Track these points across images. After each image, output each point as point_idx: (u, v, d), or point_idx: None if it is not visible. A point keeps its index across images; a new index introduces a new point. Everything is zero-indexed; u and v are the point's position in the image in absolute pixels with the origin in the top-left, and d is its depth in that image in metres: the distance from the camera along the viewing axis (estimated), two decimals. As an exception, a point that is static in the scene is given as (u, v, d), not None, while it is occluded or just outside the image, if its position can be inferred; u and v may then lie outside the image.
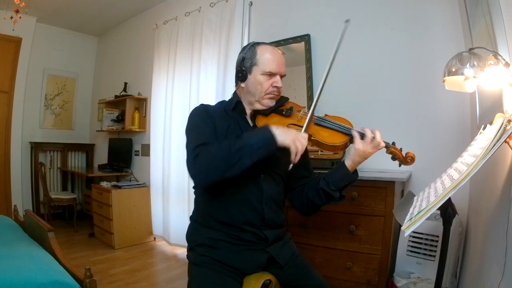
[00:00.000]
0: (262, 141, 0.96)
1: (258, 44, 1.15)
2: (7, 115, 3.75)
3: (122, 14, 3.89)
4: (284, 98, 1.19)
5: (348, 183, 1.10)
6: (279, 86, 1.12)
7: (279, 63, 1.12)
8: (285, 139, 0.97)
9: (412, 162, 1.06)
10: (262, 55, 1.11)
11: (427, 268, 1.61)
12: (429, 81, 1.84)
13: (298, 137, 0.98)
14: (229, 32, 2.72)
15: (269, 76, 1.11)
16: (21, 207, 3.59)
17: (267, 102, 1.13)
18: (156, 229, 3.33)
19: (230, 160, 0.94)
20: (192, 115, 1.14)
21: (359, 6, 2.15)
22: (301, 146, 0.97)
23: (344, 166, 1.09)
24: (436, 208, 0.73)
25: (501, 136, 0.71)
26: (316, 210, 1.17)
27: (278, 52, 1.15)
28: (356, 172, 1.11)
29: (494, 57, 0.88)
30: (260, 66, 1.10)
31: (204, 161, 0.97)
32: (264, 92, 1.11)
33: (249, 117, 1.18)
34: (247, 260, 1.10)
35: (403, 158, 1.07)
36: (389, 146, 1.07)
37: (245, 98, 1.17)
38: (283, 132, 0.98)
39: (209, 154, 0.97)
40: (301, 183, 1.20)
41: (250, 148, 0.95)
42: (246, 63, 1.12)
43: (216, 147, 0.98)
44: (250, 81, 1.12)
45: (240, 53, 1.18)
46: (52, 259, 1.37)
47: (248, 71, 1.12)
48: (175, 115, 3.13)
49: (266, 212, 1.11)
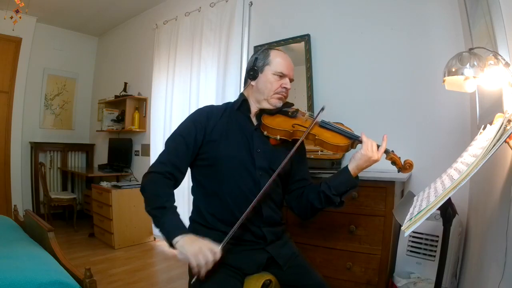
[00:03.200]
0: (165, 232, 1.01)
1: (271, 48, 1.22)
2: (7, 115, 3.75)
3: (122, 14, 3.89)
4: (290, 103, 1.24)
5: (349, 188, 1.12)
6: (288, 87, 1.18)
7: (289, 67, 1.19)
8: (187, 250, 0.92)
9: (410, 169, 1.09)
10: (274, 58, 1.18)
11: (427, 268, 1.61)
12: (429, 81, 1.84)
13: (204, 250, 0.91)
14: (229, 32, 2.72)
15: (280, 77, 1.16)
16: (21, 207, 3.59)
17: (275, 102, 1.17)
18: (156, 229, 3.32)
19: (151, 212, 1.06)
20: (190, 117, 1.19)
21: (359, 6, 2.15)
22: (205, 260, 0.90)
23: (347, 171, 1.11)
24: (436, 208, 0.73)
25: (501, 136, 0.71)
26: (314, 213, 1.19)
27: (289, 58, 1.22)
28: (358, 178, 1.13)
29: (494, 57, 0.88)
30: (272, 66, 1.16)
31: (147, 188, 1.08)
32: (274, 91, 1.16)
33: (253, 116, 1.21)
34: (247, 260, 1.10)
35: (401, 165, 1.10)
36: (389, 152, 1.11)
37: (253, 96, 1.20)
38: (188, 242, 0.94)
39: (151, 188, 1.08)
40: (300, 185, 1.22)
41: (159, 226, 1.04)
42: (258, 63, 1.18)
43: (155, 191, 1.07)
44: (261, 80, 1.17)
45: (253, 55, 1.24)
46: (52, 259, 1.37)
47: (260, 70, 1.18)
48: (175, 115, 3.13)
49: (264, 210, 1.12)
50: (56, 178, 4.24)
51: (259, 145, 1.15)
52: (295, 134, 1.13)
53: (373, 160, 1.07)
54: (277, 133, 1.13)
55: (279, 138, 1.13)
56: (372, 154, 1.06)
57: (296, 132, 1.12)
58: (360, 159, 1.08)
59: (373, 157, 1.07)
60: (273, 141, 1.16)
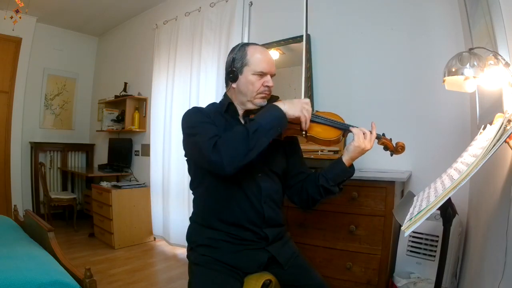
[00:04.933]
0: (275, 120, 1.01)
1: (247, 44, 1.16)
2: (7, 115, 3.75)
3: (122, 14, 3.88)
4: (275, 97, 1.20)
5: (345, 178, 1.15)
6: (270, 85, 1.14)
7: (270, 63, 1.14)
8: (295, 111, 1.04)
9: (402, 151, 1.13)
10: (252, 56, 1.12)
11: (427, 268, 1.61)
12: (429, 81, 1.84)
13: (304, 105, 1.06)
14: (229, 32, 2.72)
15: (260, 76, 1.12)
16: (21, 207, 3.58)
17: (259, 102, 1.14)
18: (156, 229, 3.33)
19: (249, 143, 0.96)
20: (189, 114, 1.12)
21: (359, 6, 2.15)
22: (308, 113, 1.06)
23: (341, 162, 1.13)
24: (436, 208, 0.72)
25: (501, 136, 0.71)
26: (315, 204, 1.20)
27: (267, 52, 1.17)
28: (353, 167, 1.16)
29: (494, 57, 0.88)
30: (251, 66, 1.11)
31: (225, 148, 0.96)
32: (256, 92, 1.12)
33: (241, 117, 1.19)
34: (248, 259, 1.10)
35: (393, 147, 1.13)
36: (380, 137, 1.14)
37: (236, 98, 1.17)
38: (290, 105, 1.05)
39: (228, 141, 0.97)
40: (299, 179, 1.23)
41: (265, 129, 0.99)
42: (236, 63, 1.13)
43: (232, 133, 0.99)
44: (242, 82, 1.13)
45: (229, 54, 1.18)
46: (52, 259, 1.37)
47: (239, 72, 1.13)
48: (175, 115, 3.13)
49: (266, 211, 1.12)
50: (56, 178, 4.24)
51: None
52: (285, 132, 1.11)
53: (366, 150, 1.10)
54: None
55: None
56: (365, 145, 1.09)
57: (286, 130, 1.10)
58: (353, 151, 1.10)
59: (366, 147, 1.09)
60: None
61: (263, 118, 1.00)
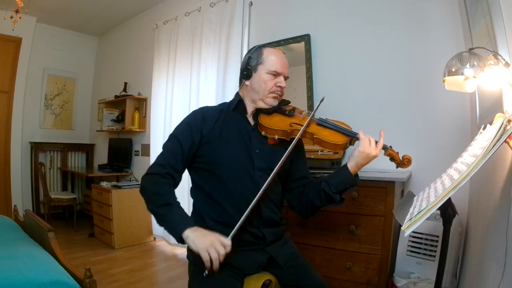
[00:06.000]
0: (172, 228, 1.00)
1: (264, 46, 1.21)
2: (7, 115, 3.75)
3: (122, 14, 3.89)
4: (286, 101, 1.22)
5: (348, 186, 1.11)
6: (283, 86, 1.17)
7: (284, 65, 1.17)
8: (198, 245, 0.93)
9: (408, 164, 1.09)
10: (268, 56, 1.16)
11: (427, 268, 1.61)
12: (429, 81, 1.84)
13: (215, 244, 0.93)
14: (229, 32, 2.72)
15: (274, 75, 1.15)
16: (21, 207, 3.58)
17: (270, 101, 1.16)
18: (156, 229, 3.33)
19: (155, 210, 1.04)
20: (183, 121, 1.18)
21: (359, 6, 2.15)
22: (215, 254, 0.91)
23: (346, 169, 1.10)
24: (436, 208, 0.73)
25: (501, 136, 0.71)
26: (314, 211, 1.18)
27: (283, 55, 1.20)
28: (357, 176, 1.12)
29: (494, 57, 0.88)
30: (266, 65, 1.15)
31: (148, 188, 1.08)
32: (268, 91, 1.15)
33: (250, 116, 1.20)
34: (247, 260, 1.10)
35: (400, 160, 1.09)
36: (387, 148, 1.11)
37: (248, 96, 1.19)
38: (199, 236, 0.95)
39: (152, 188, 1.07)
40: (300, 184, 1.22)
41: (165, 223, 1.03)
42: (252, 62, 1.17)
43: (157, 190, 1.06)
44: (255, 79, 1.16)
45: (246, 54, 1.23)
46: (52, 259, 1.36)
47: (254, 70, 1.16)
48: (175, 115, 3.13)
49: (264, 210, 1.12)
50: (56, 178, 4.24)
51: (257, 146, 1.14)
52: (293, 133, 1.13)
53: (372, 157, 1.07)
54: (275, 133, 1.12)
55: (277, 138, 1.13)
56: (370, 151, 1.05)
57: (294, 131, 1.12)
58: (358, 157, 1.07)
59: (371, 154, 1.06)
60: (271, 141, 1.15)
61: (173, 216, 1.02)
